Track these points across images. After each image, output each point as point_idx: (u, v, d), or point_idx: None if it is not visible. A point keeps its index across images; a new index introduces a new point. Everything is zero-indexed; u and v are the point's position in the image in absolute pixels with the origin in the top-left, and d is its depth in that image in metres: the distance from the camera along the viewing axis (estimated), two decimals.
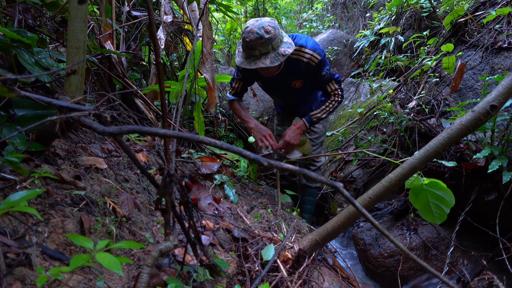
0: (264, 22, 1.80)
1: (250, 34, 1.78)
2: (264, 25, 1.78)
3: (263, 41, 1.78)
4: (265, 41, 1.78)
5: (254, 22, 1.81)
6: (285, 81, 2.14)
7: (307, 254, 1.44)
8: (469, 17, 2.52)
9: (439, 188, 1.36)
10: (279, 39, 1.83)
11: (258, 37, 1.77)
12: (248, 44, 1.81)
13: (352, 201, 0.58)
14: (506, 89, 1.22)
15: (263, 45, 1.80)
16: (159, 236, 1.19)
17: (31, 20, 1.51)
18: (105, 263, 0.69)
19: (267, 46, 1.80)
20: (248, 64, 1.86)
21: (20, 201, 0.77)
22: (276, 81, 2.14)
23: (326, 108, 2.17)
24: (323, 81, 2.11)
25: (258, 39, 1.77)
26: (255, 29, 1.77)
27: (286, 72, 2.06)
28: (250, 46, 1.82)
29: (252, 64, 1.84)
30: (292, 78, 2.12)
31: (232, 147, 0.58)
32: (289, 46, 1.87)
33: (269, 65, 1.81)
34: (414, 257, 0.62)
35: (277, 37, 1.82)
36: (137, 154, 1.63)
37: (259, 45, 1.79)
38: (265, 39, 1.78)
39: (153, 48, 0.95)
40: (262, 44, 1.79)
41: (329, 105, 2.17)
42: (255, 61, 1.84)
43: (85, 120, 0.63)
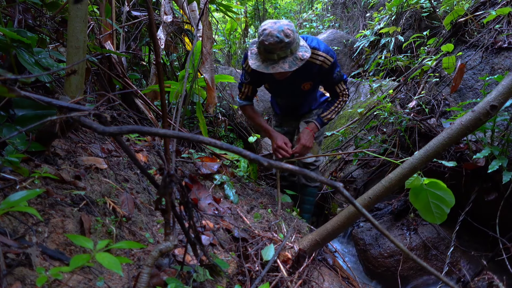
0: (283, 25, 1.73)
1: (269, 37, 1.71)
2: (283, 28, 1.71)
3: (282, 45, 1.71)
4: (284, 45, 1.72)
5: (273, 24, 1.73)
6: (295, 83, 2.12)
7: (307, 254, 1.44)
8: (469, 17, 2.52)
9: (439, 188, 1.36)
10: (297, 42, 1.78)
11: (278, 40, 1.70)
12: (267, 47, 1.73)
13: (352, 201, 0.58)
14: (506, 89, 1.22)
15: (282, 49, 1.73)
16: (159, 236, 1.19)
17: (31, 20, 1.51)
18: (105, 263, 0.69)
19: (286, 50, 1.74)
20: (266, 68, 1.79)
21: (20, 201, 0.77)
22: (286, 83, 2.11)
23: (335, 109, 2.20)
24: (334, 82, 2.10)
25: (278, 43, 1.70)
26: (275, 32, 1.70)
27: (297, 75, 2.02)
28: (268, 50, 1.74)
29: (269, 68, 1.78)
30: (303, 80, 2.10)
31: (232, 147, 0.58)
32: (306, 50, 1.82)
33: (287, 69, 1.76)
34: (414, 257, 0.62)
35: (295, 40, 1.76)
36: (137, 154, 1.63)
37: (278, 49, 1.72)
38: (284, 43, 1.71)
39: (153, 48, 0.95)
40: (281, 48, 1.72)
41: (338, 105, 2.19)
42: (273, 65, 1.78)
43: (85, 120, 0.63)
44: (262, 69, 1.79)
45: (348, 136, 3.55)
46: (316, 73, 2.03)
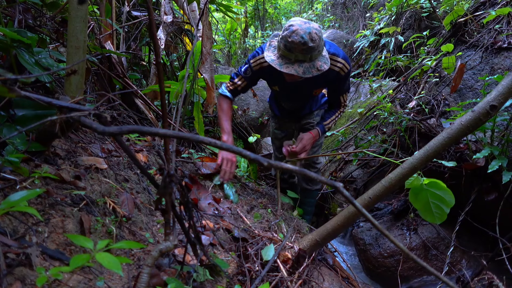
0: (312, 27, 1.62)
1: (294, 35, 1.60)
2: (312, 31, 1.61)
3: (305, 47, 1.61)
4: (307, 49, 1.62)
5: (302, 23, 1.63)
6: (308, 88, 2.06)
7: (307, 254, 1.44)
8: (469, 17, 2.52)
9: (439, 188, 1.36)
10: (319, 50, 1.68)
11: (302, 41, 1.60)
12: (288, 45, 1.64)
13: (352, 201, 0.58)
14: (506, 89, 1.22)
15: (302, 52, 1.63)
16: (159, 236, 1.19)
17: (31, 20, 1.51)
18: (105, 263, 0.69)
19: (306, 54, 1.64)
20: (279, 65, 1.69)
21: (20, 201, 0.77)
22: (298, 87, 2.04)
23: (336, 118, 2.18)
24: (342, 91, 2.06)
25: (301, 44, 1.60)
26: (301, 32, 1.60)
27: (313, 80, 1.94)
28: (288, 48, 1.65)
29: (283, 66, 1.68)
30: (317, 86, 2.04)
31: (232, 147, 0.58)
32: (325, 61, 1.73)
33: (301, 74, 1.66)
34: (414, 257, 0.62)
35: (319, 48, 1.66)
36: (137, 154, 1.64)
37: (299, 50, 1.63)
38: (307, 47, 1.61)
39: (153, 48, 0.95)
40: (302, 50, 1.62)
41: (338, 115, 2.18)
42: (287, 65, 1.68)
43: (85, 120, 0.63)
44: (275, 64, 1.70)
45: (348, 136, 3.55)
46: (331, 80, 1.96)
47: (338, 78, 1.94)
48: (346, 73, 1.94)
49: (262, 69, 1.98)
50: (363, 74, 5.17)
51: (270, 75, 2.00)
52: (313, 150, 2.39)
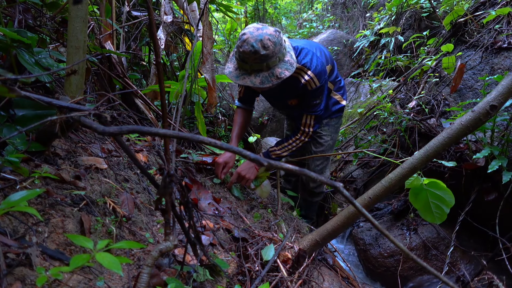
0: (265, 33, 1.53)
1: (245, 44, 1.53)
2: (263, 37, 1.51)
3: (257, 56, 1.53)
4: (259, 57, 1.53)
5: (254, 30, 1.55)
6: (281, 98, 1.97)
7: (307, 254, 1.44)
8: (469, 17, 2.52)
9: (439, 188, 1.36)
10: (277, 57, 1.58)
11: (252, 51, 1.51)
12: (241, 55, 1.57)
13: (352, 201, 0.58)
14: (506, 89, 1.22)
15: (256, 61, 1.54)
16: (159, 236, 1.19)
17: (31, 20, 1.51)
18: (105, 263, 0.69)
19: (261, 63, 1.55)
20: (236, 77, 1.62)
21: (20, 201, 0.77)
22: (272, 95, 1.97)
23: (289, 146, 1.93)
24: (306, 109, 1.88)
25: (252, 53, 1.52)
26: (252, 41, 1.51)
27: (282, 90, 1.85)
28: (241, 58, 1.58)
29: (239, 79, 1.61)
30: (288, 96, 1.92)
31: (232, 147, 0.58)
32: (288, 67, 1.61)
33: (258, 85, 1.58)
34: (414, 257, 0.62)
35: (275, 54, 1.56)
36: (137, 154, 1.64)
37: (251, 60, 1.54)
38: (259, 55, 1.52)
39: (153, 48, 0.95)
40: (255, 60, 1.54)
41: (293, 143, 1.93)
42: (243, 76, 1.60)
43: (85, 120, 0.63)
44: (231, 77, 1.63)
45: (348, 136, 3.55)
46: (300, 92, 1.82)
47: (305, 91, 1.79)
48: (314, 89, 1.76)
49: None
50: (363, 74, 5.17)
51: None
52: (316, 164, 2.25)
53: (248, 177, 1.81)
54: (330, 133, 2.20)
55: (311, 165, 2.27)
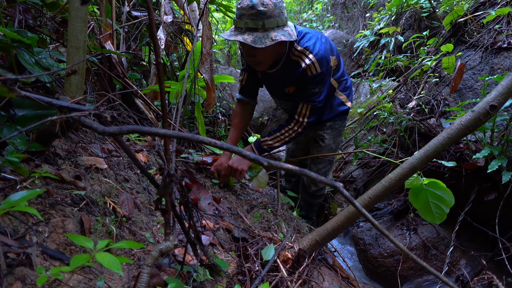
0: None
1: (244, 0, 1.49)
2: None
3: (253, 12, 1.47)
4: (256, 13, 1.47)
5: None
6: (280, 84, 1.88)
7: (307, 254, 1.44)
8: (468, 17, 2.53)
9: (439, 188, 1.36)
10: (276, 20, 1.51)
11: (250, 5, 1.47)
12: (238, 11, 1.53)
13: (352, 201, 0.58)
14: (505, 89, 1.22)
15: (251, 17, 1.49)
16: (159, 236, 1.19)
17: (31, 20, 1.51)
18: (105, 263, 0.69)
19: (257, 21, 1.49)
20: (229, 35, 1.56)
21: (21, 201, 0.77)
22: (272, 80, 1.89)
23: (281, 136, 1.82)
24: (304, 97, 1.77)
25: (249, 7, 1.47)
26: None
27: (281, 74, 1.78)
28: (238, 15, 1.53)
29: (232, 36, 1.54)
30: (287, 82, 1.83)
31: (232, 147, 0.58)
32: (286, 34, 1.53)
33: (249, 43, 1.48)
34: (414, 257, 0.62)
35: (274, 16, 1.50)
36: (137, 154, 1.64)
37: (247, 15, 1.49)
38: (256, 11, 1.47)
39: (153, 48, 0.96)
40: (251, 15, 1.48)
41: (285, 133, 1.82)
42: (236, 34, 1.53)
43: (85, 120, 0.63)
44: (226, 35, 1.57)
45: (348, 136, 3.55)
46: (298, 77, 1.72)
47: (304, 76, 1.69)
48: (314, 76, 1.66)
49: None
50: (363, 74, 5.17)
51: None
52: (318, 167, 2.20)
53: (241, 169, 1.72)
54: (333, 136, 2.11)
55: (313, 169, 2.20)
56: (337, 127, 2.11)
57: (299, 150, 2.44)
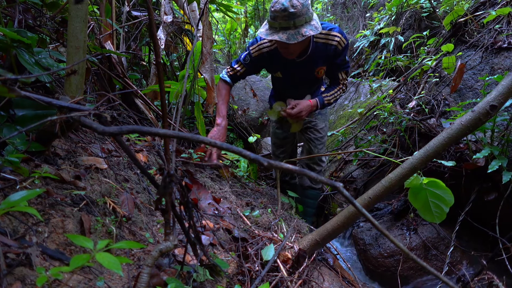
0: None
1: (276, 4, 1.74)
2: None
3: (286, 14, 1.72)
4: (288, 15, 1.72)
5: None
6: (309, 68, 2.09)
7: (307, 254, 1.44)
8: (469, 17, 2.52)
9: (439, 187, 1.36)
10: (304, 17, 1.76)
11: (282, 8, 1.72)
12: (272, 14, 1.77)
13: (352, 201, 0.58)
14: (506, 89, 1.22)
15: (284, 18, 1.73)
16: (159, 236, 1.19)
17: (31, 20, 1.51)
18: (105, 263, 0.69)
19: (289, 21, 1.74)
20: (266, 34, 1.81)
21: (20, 201, 0.77)
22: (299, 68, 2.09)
23: (335, 94, 2.18)
24: (339, 66, 2.10)
25: (282, 10, 1.72)
26: (282, 1, 1.73)
27: (312, 58, 2.01)
28: (272, 16, 1.77)
29: (269, 35, 1.79)
30: (317, 64, 2.07)
31: (232, 147, 0.58)
32: (313, 28, 1.79)
33: (284, 40, 1.74)
34: (414, 257, 0.62)
35: (302, 14, 1.75)
36: (137, 154, 1.64)
37: (280, 17, 1.74)
38: (288, 13, 1.72)
39: (153, 48, 0.95)
40: (284, 17, 1.73)
41: (337, 91, 2.18)
42: (272, 34, 1.79)
43: (85, 120, 0.63)
44: (262, 34, 1.81)
45: (348, 136, 3.55)
46: (331, 55, 2.01)
47: (336, 52, 2.00)
48: (344, 47, 2.00)
49: (262, 55, 2.05)
50: (363, 74, 5.17)
51: (271, 61, 2.06)
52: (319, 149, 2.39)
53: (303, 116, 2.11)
54: (323, 120, 2.40)
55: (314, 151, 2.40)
56: (324, 112, 2.42)
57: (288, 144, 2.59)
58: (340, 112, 4.29)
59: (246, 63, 2.10)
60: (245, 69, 2.13)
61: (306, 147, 2.46)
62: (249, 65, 2.11)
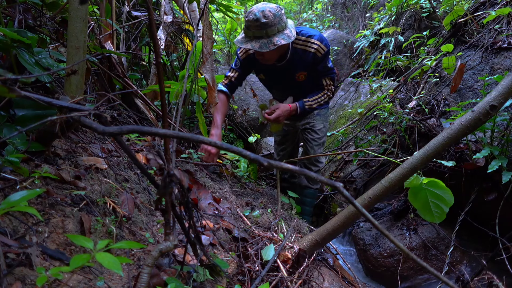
0: (267, 7, 1.83)
1: (250, 14, 1.83)
2: (265, 9, 1.81)
3: (258, 24, 1.81)
4: (260, 25, 1.81)
5: (260, 5, 1.86)
6: (290, 73, 2.15)
7: (307, 254, 1.44)
8: (469, 17, 2.52)
9: (438, 187, 1.36)
10: (276, 27, 1.84)
11: (254, 18, 1.81)
12: (246, 23, 1.86)
13: (352, 201, 0.58)
14: (505, 89, 1.22)
15: (257, 28, 1.82)
16: (159, 236, 1.19)
17: (31, 20, 1.51)
18: (105, 263, 0.69)
19: (261, 30, 1.82)
20: (240, 42, 1.91)
21: (20, 201, 0.77)
22: (280, 72, 2.15)
23: (318, 99, 2.23)
24: (322, 73, 2.15)
25: (254, 20, 1.81)
26: (255, 11, 1.82)
27: (291, 63, 2.08)
28: (247, 26, 1.86)
29: (243, 43, 1.89)
30: (297, 69, 2.13)
31: (232, 147, 0.58)
32: (285, 38, 1.86)
33: (257, 49, 1.84)
34: (414, 257, 0.62)
35: (274, 24, 1.83)
36: (137, 154, 1.64)
37: (253, 27, 1.83)
38: (260, 23, 1.80)
39: (153, 48, 0.95)
40: (256, 27, 1.82)
41: (321, 97, 2.23)
42: (246, 42, 1.88)
43: (85, 120, 0.63)
44: (237, 42, 1.92)
45: (348, 136, 3.55)
46: (310, 62, 2.07)
47: (315, 59, 2.06)
48: (324, 54, 2.04)
49: (248, 57, 2.15)
50: (363, 74, 5.17)
51: (256, 62, 2.13)
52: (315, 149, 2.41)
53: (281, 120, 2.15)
54: (322, 121, 2.41)
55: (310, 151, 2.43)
56: (323, 113, 2.42)
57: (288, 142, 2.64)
58: (340, 112, 4.29)
59: (237, 67, 2.22)
60: (238, 73, 2.22)
61: (304, 147, 2.51)
62: (240, 68, 2.21)
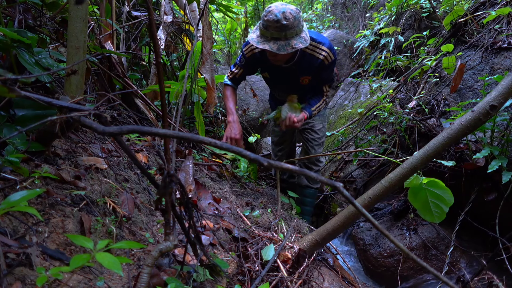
0: (288, 8, 1.79)
1: (270, 14, 1.77)
2: (286, 10, 1.77)
3: (278, 25, 1.76)
4: (280, 26, 1.76)
5: (279, 5, 1.80)
6: (295, 75, 2.14)
7: (307, 254, 1.44)
8: (469, 17, 2.52)
9: (438, 187, 1.36)
10: (295, 30, 1.81)
11: (275, 19, 1.75)
12: (264, 23, 1.81)
13: (352, 201, 0.58)
14: (505, 89, 1.22)
15: (276, 30, 1.78)
16: (159, 236, 1.19)
17: (31, 20, 1.51)
18: (105, 263, 0.69)
19: (281, 32, 1.78)
20: (257, 42, 1.85)
21: (20, 201, 0.77)
22: (285, 73, 2.14)
23: (320, 106, 2.26)
24: (324, 80, 2.16)
25: (275, 22, 1.76)
26: (276, 11, 1.76)
27: (298, 66, 2.07)
28: (265, 26, 1.81)
29: (260, 43, 1.84)
30: (303, 73, 2.12)
31: (232, 147, 0.58)
32: (302, 41, 1.84)
33: (275, 51, 1.80)
34: (414, 257, 0.62)
35: (294, 27, 1.79)
36: (137, 154, 1.64)
37: (273, 28, 1.78)
38: (280, 25, 1.76)
39: (153, 48, 0.95)
40: (276, 28, 1.77)
41: (322, 103, 2.26)
42: (263, 42, 1.83)
43: (85, 120, 0.63)
44: (253, 42, 1.86)
45: (348, 136, 3.55)
46: (317, 68, 2.05)
47: (322, 66, 2.05)
48: (330, 63, 2.05)
49: (254, 55, 2.11)
50: (363, 74, 5.17)
51: (261, 61, 2.11)
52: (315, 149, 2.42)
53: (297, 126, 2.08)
54: (321, 121, 2.44)
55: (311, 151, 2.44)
56: (322, 113, 2.44)
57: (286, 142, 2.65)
58: (340, 112, 4.29)
59: (242, 64, 2.19)
60: (242, 70, 2.21)
61: (304, 147, 2.51)
62: (244, 66, 2.19)
